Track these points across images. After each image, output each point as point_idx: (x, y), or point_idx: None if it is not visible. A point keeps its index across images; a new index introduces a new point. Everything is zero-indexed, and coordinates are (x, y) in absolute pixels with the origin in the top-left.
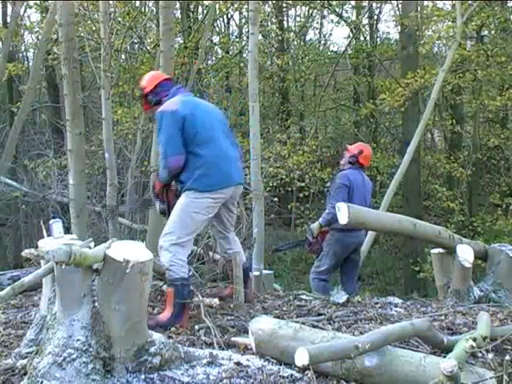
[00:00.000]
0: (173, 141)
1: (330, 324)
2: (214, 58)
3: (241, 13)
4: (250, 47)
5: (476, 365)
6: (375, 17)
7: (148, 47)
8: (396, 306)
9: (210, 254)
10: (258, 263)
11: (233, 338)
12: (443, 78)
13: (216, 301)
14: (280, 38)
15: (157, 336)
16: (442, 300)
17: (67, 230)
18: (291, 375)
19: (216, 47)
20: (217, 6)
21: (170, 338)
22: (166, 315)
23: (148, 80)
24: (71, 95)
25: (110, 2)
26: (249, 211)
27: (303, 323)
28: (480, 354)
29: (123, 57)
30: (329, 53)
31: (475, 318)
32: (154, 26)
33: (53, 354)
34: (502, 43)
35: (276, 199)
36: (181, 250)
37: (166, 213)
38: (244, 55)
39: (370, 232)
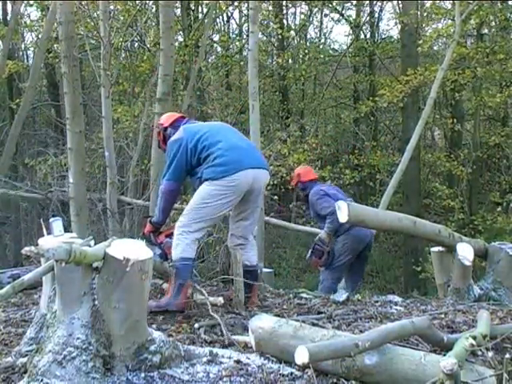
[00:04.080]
0: (173, 167)
1: (330, 322)
2: (214, 57)
3: (241, 11)
4: (250, 45)
5: (476, 363)
6: (376, 15)
7: (148, 45)
8: (396, 305)
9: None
10: (258, 261)
11: (233, 337)
12: (442, 77)
13: (221, 299)
14: (280, 36)
15: (157, 334)
16: (441, 298)
17: (66, 229)
18: (291, 373)
19: (216, 45)
20: (217, 4)
21: (170, 336)
22: (166, 298)
23: (165, 118)
24: (71, 93)
25: (110, 1)
26: None
27: (303, 321)
28: (480, 353)
29: (123, 55)
30: (330, 51)
31: (475, 316)
32: (154, 24)
33: (53, 352)
34: (502, 41)
35: (276, 197)
36: (190, 231)
37: (163, 256)
38: (244, 53)
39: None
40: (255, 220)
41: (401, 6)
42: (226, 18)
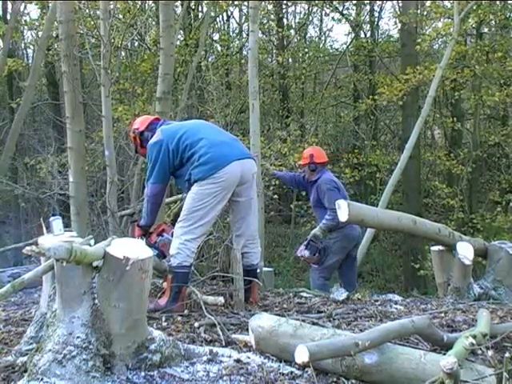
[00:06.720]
0: (156, 170)
1: (329, 321)
2: (214, 56)
3: (241, 10)
4: (250, 44)
5: (476, 362)
6: (376, 14)
7: (148, 44)
8: (396, 304)
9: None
10: (259, 261)
11: (233, 336)
12: (441, 75)
13: (221, 299)
14: (280, 35)
15: (157, 333)
16: (441, 297)
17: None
18: (291, 372)
19: (216, 44)
20: (217, 3)
21: (170, 335)
22: (164, 300)
23: (139, 122)
24: (71, 92)
25: (111, 0)
26: None
27: (303, 320)
28: (480, 352)
29: (123, 54)
30: (330, 50)
31: (475, 315)
32: (154, 23)
33: (53, 351)
34: (501, 40)
35: (276, 196)
36: (191, 238)
37: (160, 256)
38: (244, 52)
39: (369, 229)
40: (255, 214)
41: (400, 4)
42: (226, 17)
